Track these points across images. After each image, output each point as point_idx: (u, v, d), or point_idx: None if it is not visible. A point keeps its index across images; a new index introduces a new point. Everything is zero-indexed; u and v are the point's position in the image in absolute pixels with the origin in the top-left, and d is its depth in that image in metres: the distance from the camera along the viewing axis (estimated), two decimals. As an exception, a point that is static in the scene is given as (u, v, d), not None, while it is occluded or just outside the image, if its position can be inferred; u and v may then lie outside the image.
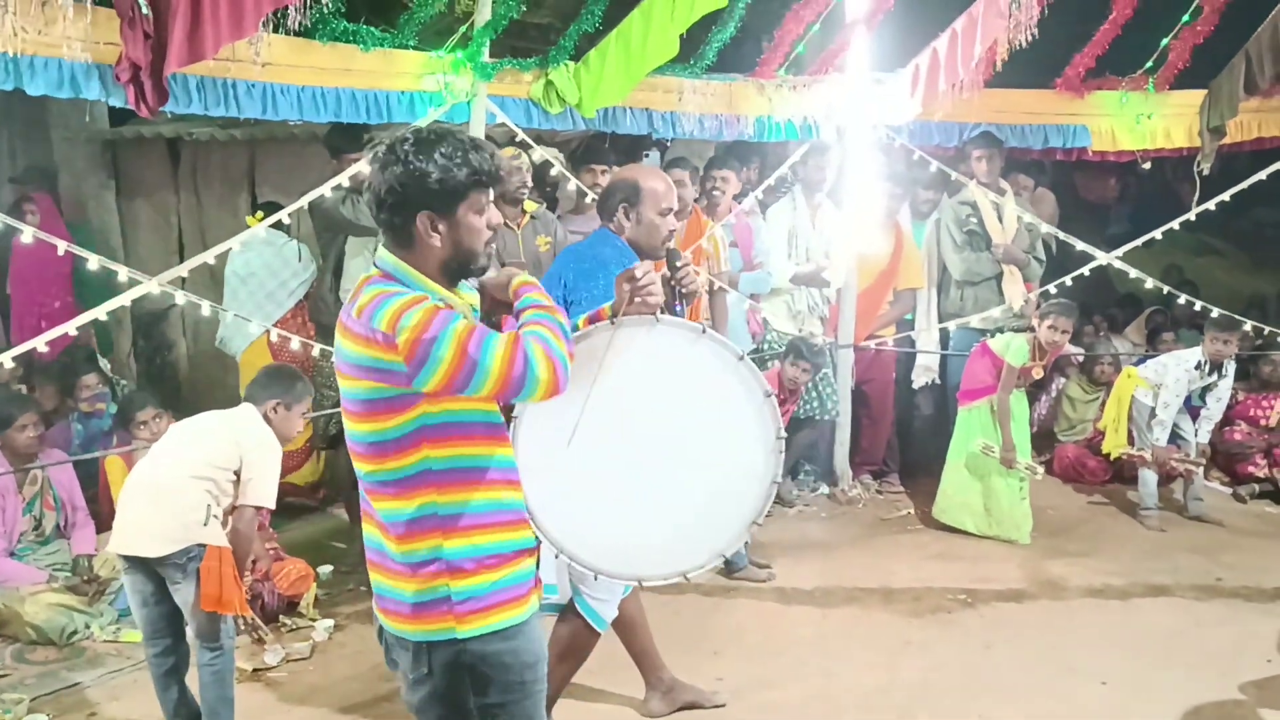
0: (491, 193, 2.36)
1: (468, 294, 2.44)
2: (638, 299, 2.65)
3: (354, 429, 2.33)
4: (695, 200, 6.16)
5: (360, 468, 2.36)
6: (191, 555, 3.62)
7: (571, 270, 3.63)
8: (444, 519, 2.29)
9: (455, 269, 2.35)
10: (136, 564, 3.69)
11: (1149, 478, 6.43)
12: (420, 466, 2.28)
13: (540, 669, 2.43)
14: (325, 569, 5.45)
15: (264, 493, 3.82)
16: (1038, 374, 6.11)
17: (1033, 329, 6.04)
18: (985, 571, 5.61)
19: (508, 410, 2.55)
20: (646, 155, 7.01)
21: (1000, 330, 6.42)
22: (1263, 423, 7.04)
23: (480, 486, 2.33)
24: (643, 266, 2.69)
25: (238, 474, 3.79)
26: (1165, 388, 6.28)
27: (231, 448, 3.79)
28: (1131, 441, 6.49)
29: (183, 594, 3.66)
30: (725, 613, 5.10)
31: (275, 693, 4.33)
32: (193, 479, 3.71)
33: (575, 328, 2.70)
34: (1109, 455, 6.74)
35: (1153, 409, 6.34)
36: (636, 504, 2.71)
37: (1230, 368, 6.37)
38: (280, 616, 4.92)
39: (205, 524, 3.67)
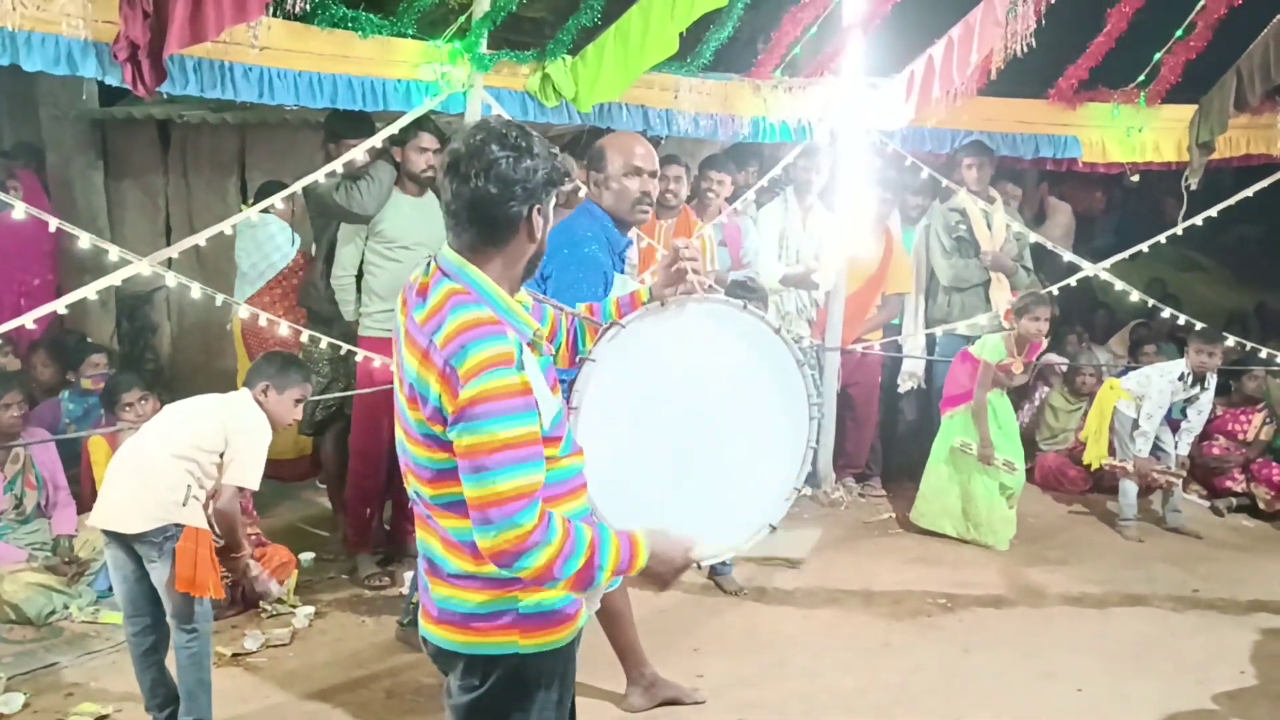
0: None
1: (522, 294, 2.32)
2: (687, 279, 2.56)
3: (414, 453, 2.21)
4: (687, 200, 6.18)
5: (421, 490, 2.24)
6: (168, 534, 3.62)
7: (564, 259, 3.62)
8: None
9: (533, 266, 2.27)
10: (117, 540, 3.69)
11: (1129, 488, 6.48)
12: None
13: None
14: (307, 556, 5.44)
15: (247, 473, 3.80)
16: (1017, 369, 6.07)
17: (1006, 327, 6.07)
18: (965, 576, 5.65)
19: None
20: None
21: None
22: (1241, 437, 7.10)
23: (554, 502, 2.20)
24: (684, 242, 2.62)
25: (224, 456, 3.78)
26: (1148, 399, 6.33)
27: (217, 429, 3.78)
28: (1113, 452, 6.54)
29: (159, 573, 3.65)
30: (707, 611, 5.12)
31: (255, 677, 4.32)
32: (175, 459, 3.70)
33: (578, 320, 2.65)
34: (1089, 466, 6.78)
35: (1135, 420, 6.38)
36: (689, 484, 2.66)
37: (1212, 381, 6.43)
38: (261, 602, 4.91)
39: (184, 504, 3.66)
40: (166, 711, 3.78)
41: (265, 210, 5.27)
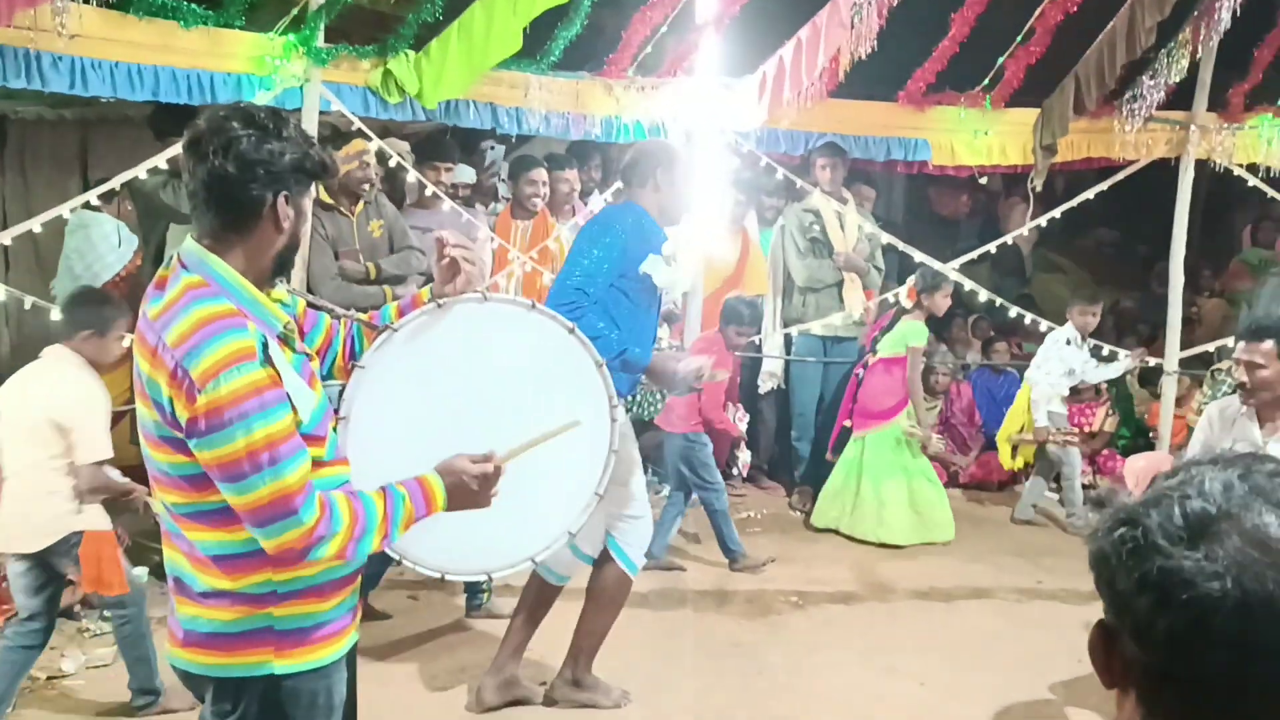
0: None
1: (280, 292, 2.20)
2: (461, 275, 2.41)
3: (155, 458, 2.05)
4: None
5: (166, 498, 2.08)
6: (72, 543, 3.75)
7: (584, 237, 3.94)
8: None
9: (284, 261, 2.13)
10: (22, 557, 3.78)
11: (1037, 485, 6.73)
12: None
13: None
14: (140, 571, 5.18)
15: (96, 446, 3.75)
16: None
17: (908, 306, 6.20)
18: (818, 574, 5.69)
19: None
20: (491, 148, 6.91)
21: (845, 339, 6.55)
22: (1087, 429, 7.31)
23: None
24: (449, 235, 2.46)
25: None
26: (1049, 372, 6.55)
27: (48, 428, 3.71)
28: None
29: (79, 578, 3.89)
30: (554, 614, 5.02)
31: (69, 702, 4.09)
32: (54, 474, 3.73)
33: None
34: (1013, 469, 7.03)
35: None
36: None
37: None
38: (84, 620, 4.67)
39: (79, 512, 3.76)
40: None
41: (94, 208, 5.04)
